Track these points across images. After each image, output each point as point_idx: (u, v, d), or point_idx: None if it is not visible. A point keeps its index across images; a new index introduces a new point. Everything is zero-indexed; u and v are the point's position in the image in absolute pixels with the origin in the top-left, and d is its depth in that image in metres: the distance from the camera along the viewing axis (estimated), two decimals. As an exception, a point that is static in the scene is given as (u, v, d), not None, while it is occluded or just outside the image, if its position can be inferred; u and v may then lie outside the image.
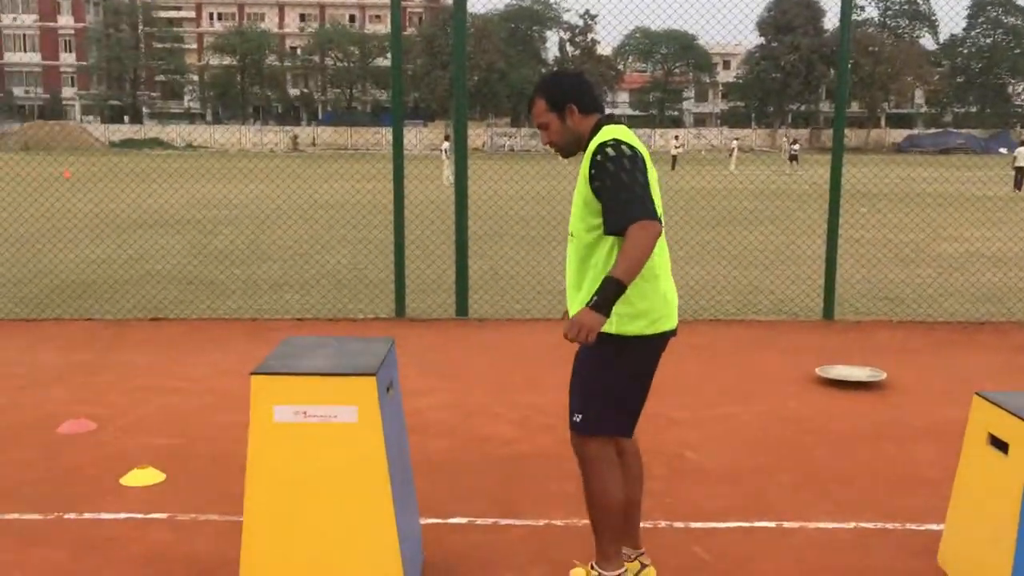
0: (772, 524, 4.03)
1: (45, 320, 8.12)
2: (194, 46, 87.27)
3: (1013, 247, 13.13)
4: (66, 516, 4.01)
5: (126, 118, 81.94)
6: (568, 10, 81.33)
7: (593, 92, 3.31)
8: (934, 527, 3.92)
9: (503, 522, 4.04)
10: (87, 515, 4.03)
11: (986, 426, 3.43)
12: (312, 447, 3.12)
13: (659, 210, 3.12)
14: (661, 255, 3.21)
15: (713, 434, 5.21)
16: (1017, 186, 28.75)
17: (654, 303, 3.15)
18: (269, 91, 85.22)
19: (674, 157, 41.62)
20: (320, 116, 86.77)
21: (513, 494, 4.33)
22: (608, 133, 3.15)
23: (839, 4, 7.99)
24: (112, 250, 12.61)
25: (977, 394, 3.52)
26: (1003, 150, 66.77)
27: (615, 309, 3.05)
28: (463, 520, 4.04)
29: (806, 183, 29.59)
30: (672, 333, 3.25)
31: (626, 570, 3.33)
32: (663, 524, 4.03)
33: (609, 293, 2.96)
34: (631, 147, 3.09)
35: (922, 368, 6.73)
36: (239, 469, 4.47)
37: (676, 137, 48.41)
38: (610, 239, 3.10)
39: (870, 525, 4.01)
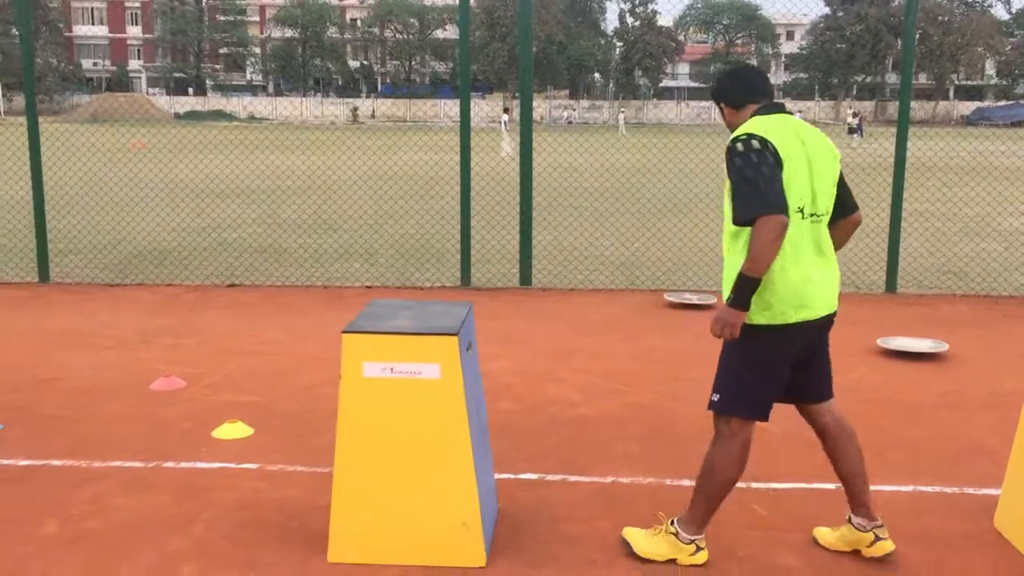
0: (832, 485, 4.17)
1: (127, 285, 8.52)
2: (256, 19, 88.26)
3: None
4: (165, 464, 4.32)
5: (190, 90, 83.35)
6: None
7: (743, 86, 3.42)
8: (992, 491, 4.03)
9: (571, 479, 4.24)
10: (184, 464, 4.33)
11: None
12: (398, 401, 3.35)
13: (806, 199, 3.22)
14: (796, 244, 3.23)
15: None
16: None
17: (782, 294, 3.22)
18: (330, 63, 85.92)
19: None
20: (380, 88, 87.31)
21: (579, 453, 4.53)
22: (746, 126, 3.27)
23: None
24: (187, 219, 13.05)
25: (1037, 362, 3.61)
26: (1079, 122, 64.68)
27: (761, 297, 3.20)
28: (534, 476, 4.25)
29: (868, 155, 29.13)
30: (815, 321, 3.30)
31: (701, 538, 3.47)
32: (725, 484, 4.19)
33: (742, 288, 3.13)
34: (761, 139, 3.16)
35: (984, 341, 6.75)
36: (320, 425, 4.77)
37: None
38: (747, 229, 3.18)
39: (928, 489, 4.13)
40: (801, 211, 3.23)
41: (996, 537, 3.70)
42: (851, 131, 40.20)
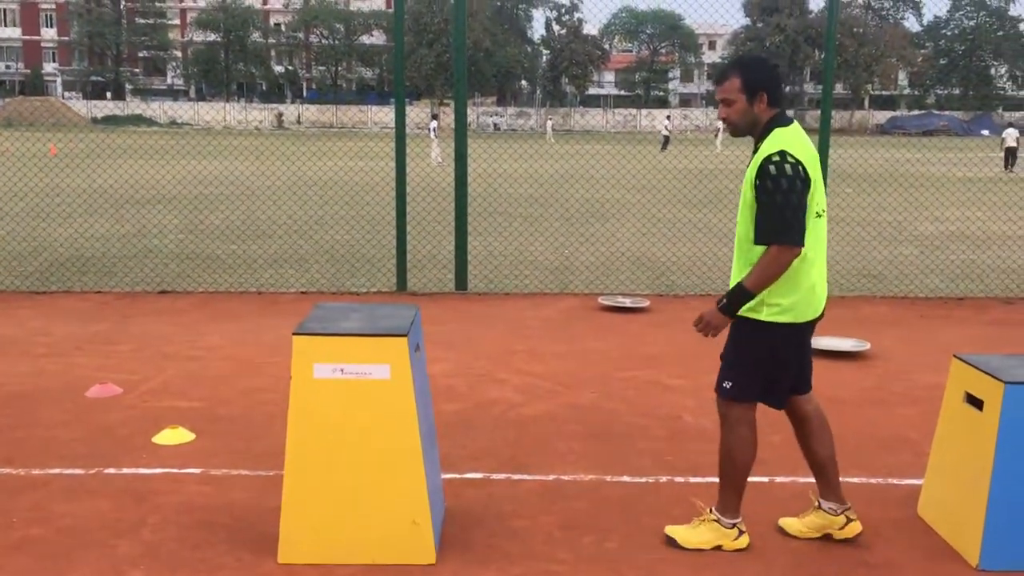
0: (765, 479, 4.34)
1: (53, 293, 8.34)
2: (177, 22, 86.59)
3: (992, 227, 13.50)
4: (106, 471, 4.28)
5: (108, 94, 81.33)
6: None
7: (780, 90, 3.50)
8: (915, 482, 4.24)
9: (515, 477, 4.33)
10: (126, 470, 4.30)
11: (964, 385, 3.75)
12: (348, 402, 3.40)
13: (821, 202, 3.44)
14: (815, 246, 3.43)
15: (708, 401, 5.46)
16: (1007, 166, 29.35)
17: (803, 295, 3.45)
18: (253, 68, 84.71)
19: (666, 138, 41.77)
20: (305, 94, 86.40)
21: (522, 452, 4.63)
22: (777, 141, 3.35)
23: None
24: (109, 227, 12.76)
25: (955, 356, 3.83)
26: (985, 132, 67.39)
27: (767, 300, 3.40)
28: (479, 475, 4.33)
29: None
30: (818, 318, 3.57)
31: (740, 521, 3.64)
32: (664, 479, 4.34)
33: (740, 300, 3.37)
34: (794, 162, 3.29)
35: (904, 340, 7.06)
36: (263, 430, 4.78)
37: (668, 117, 48.47)
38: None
39: (855, 480, 4.32)
40: (819, 214, 3.45)
41: (921, 524, 3.90)
42: None
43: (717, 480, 3.69)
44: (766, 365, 3.52)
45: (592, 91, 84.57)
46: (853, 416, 5.24)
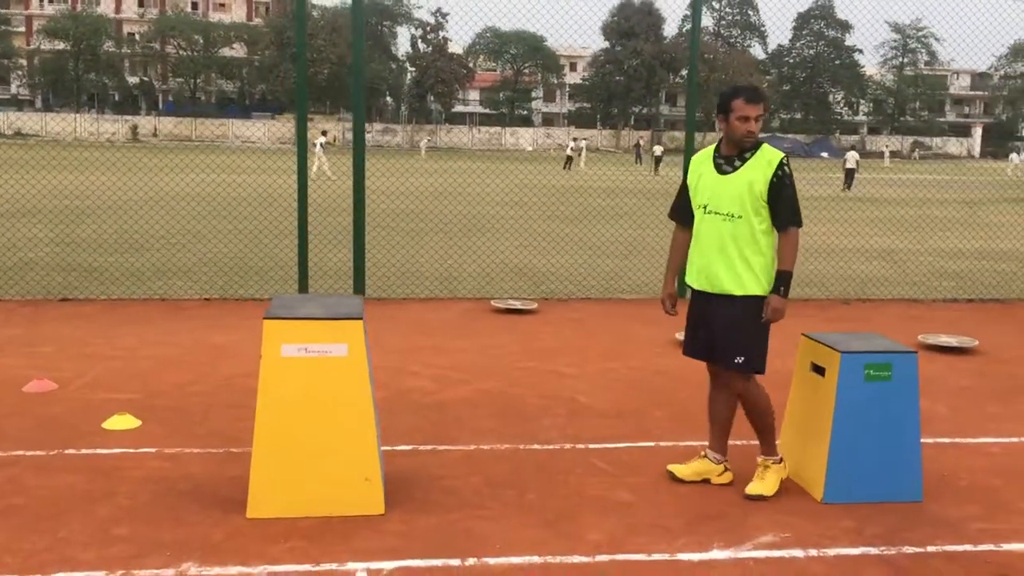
0: (651, 444, 5.14)
1: (-47, 301, 8.39)
2: (22, 29, 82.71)
3: (831, 240, 14.98)
4: (66, 452, 4.67)
5: (-55, 103, 76.91)
6: (420, 7, 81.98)
7: None
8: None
9: (440, 448, 4.97)
10: (85, 451, 4.70)
11: (810, 357, 4.63)
12: (311, 376, 3.97)
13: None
14: None
15: (599, 385, 6.29)
16: (847, 186, 31.93)
17: None
18: (105, 78, 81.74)
19: (569, 158, 43.27)
20: (161, 106, 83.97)
21: (444, 429, 5.26)
22: (777, 151, 4.34)
23: (679, 12, 9.30)
24: None
25: (803, 334, 4.72)
26: (824, 154, 72.07)
27: (764, 277, 4.32)
28: (408, 447, 4.94)
29: (650, 181, 31.59)
30: None
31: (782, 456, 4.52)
32: (568, 447, 5.05)
33: (788, 282, 4.32)
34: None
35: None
36: (200, 416, 5.27)
37: (574, 139, 49.77)
38: (769, 226, 4.32)
39: (729, 442, 5.14)
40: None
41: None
42: (656, 161, 43.17)
43: (757, 435, 4.54)
44: (766, 335, 4.40)
45: (457, 108, 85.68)
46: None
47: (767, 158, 4.31)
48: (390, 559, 3.66)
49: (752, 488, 4.46)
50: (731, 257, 4.34)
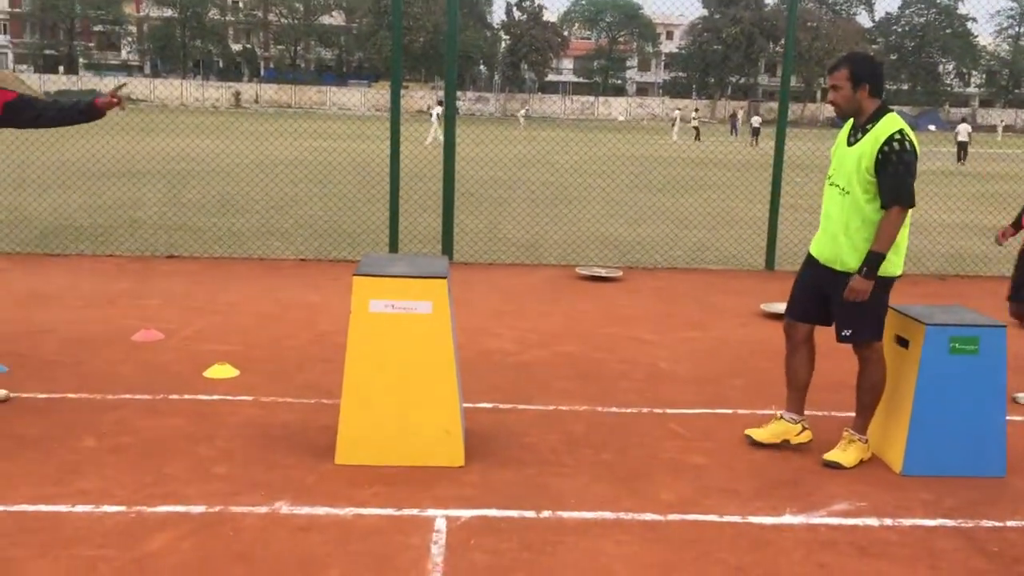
0: (729, 411, 5.18)
1: (70, 255, 8.90)
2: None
3: (932, 215, 14.56)
4: (171, 397, 4.98)
5: (61, 68, 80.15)
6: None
7: (882, 81, 4.37)
8: (852, 413, 5.08)
9: (520, 407, 5.11)
10: (187, 396, 5.00)
11: (895, 329, 4.60)
12: (397, 331, 4.15)
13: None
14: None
15: (680, 352, 6.34)
16: (960, 159, 30.92)
17: (903, 252, 4.37)
18: (210, 45, 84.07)
19: (696, 128, 42.98)
20: (263, 73, 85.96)
21: (523, 389, 5.41)
22: (895, 123, 4.20)
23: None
24: (87, 198, 13.07)
25: (889, 306, 4.68)
26: (932, 127, 69.45)
27: (890, 257, 4.24)
28: (488, 405, 5.11)
29: (744, 154, 31.03)
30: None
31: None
32: (646, 410, 5.14)
33: (875, 263, 4.20)
34: (911, 141, 4.18)
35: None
36: (296, 369, 5.53)
37: (696, 110, 49.48)
38: (876, 213, 4.21)
39: (807, 412, 5.15)
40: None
41: (855, 443, 4.75)
42: (755, 132, 42.43)
43: (856, 409, 4.54)
44: (884, 309, 4.41)
45: (551, 77, 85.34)
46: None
47: (880, 131, 4.23)
48: (468, 508, 3.82)
49: (831, 455, 4.48)
50: (836, 232, 4.37)
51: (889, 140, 4.16)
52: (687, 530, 3.74)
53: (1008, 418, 4.52)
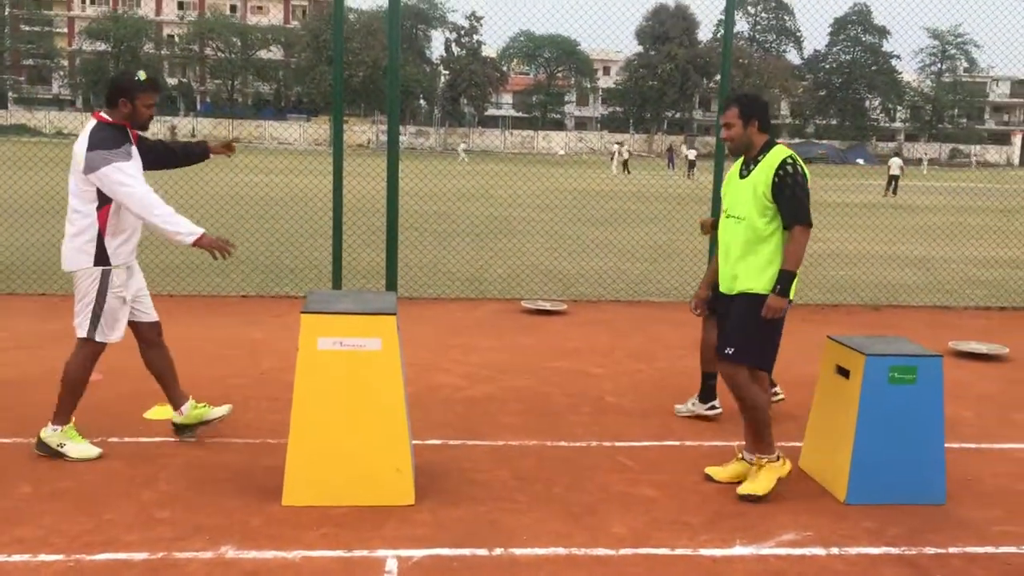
0: (676, 443, 5.22)
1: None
2: (65, 30, 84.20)
3: (863, 247, 14.94)
4: (110, 439, 4.85)
5: (-10, 102, 78.44)
6: (454, 11, 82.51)
7: (769, 116, 4.54)
8: (795, 443, 5.17)
9: (469, 443, 5.09)
10: (128, 439, 4.87)
11: (835, 360, 4.69)
12: (346, 369, 4.10)
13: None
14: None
15: (625, 385, 6.39)
16: (893, 191, 31.91)
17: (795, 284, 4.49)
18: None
19: (625, 162, 43.49)
20: (199, 107, 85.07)
21: (472, 424, 5.38)
22: (783, 151, 4.42)
23: (714, 17, 9.33)
24: (13, 237, 12.67)
25: (828, 337, 4.78)
26: (860, 161, 71.46)
27: (765, 275, 4.39)
28: (438, 441, 5.07)
29: (680, 187, 31.54)
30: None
31: (778, 450, 4.53)
32: (595, 444, 5.15)
33: (787, 281, 4.35)
34: (801, 166, 4.40)
35: (787, 337, 8.06)
36: (240, 407, 5.41)
37: (620, 143, 50.23)
38: (777, 226, 4.38)
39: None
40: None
41: (802, 474, 4.82)
42: (690, 165, 43.36)
43: (744, 435, 4.62)
44: (772, 340, 4.49)
45: (490, 112, 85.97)
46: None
47: (771, 159, 4.43)
48: (419, 547, 3.78)
49: (744, 488, 4.49)
50: (736, 258, 4.51)
51: (782, 165, 4.38)
52: (639, 564, 3.74)
53: (946, 445, 4.63)
